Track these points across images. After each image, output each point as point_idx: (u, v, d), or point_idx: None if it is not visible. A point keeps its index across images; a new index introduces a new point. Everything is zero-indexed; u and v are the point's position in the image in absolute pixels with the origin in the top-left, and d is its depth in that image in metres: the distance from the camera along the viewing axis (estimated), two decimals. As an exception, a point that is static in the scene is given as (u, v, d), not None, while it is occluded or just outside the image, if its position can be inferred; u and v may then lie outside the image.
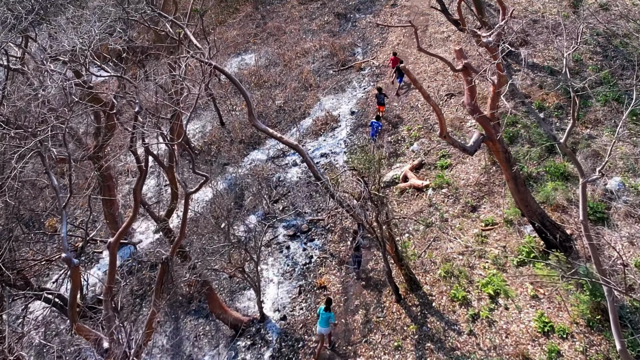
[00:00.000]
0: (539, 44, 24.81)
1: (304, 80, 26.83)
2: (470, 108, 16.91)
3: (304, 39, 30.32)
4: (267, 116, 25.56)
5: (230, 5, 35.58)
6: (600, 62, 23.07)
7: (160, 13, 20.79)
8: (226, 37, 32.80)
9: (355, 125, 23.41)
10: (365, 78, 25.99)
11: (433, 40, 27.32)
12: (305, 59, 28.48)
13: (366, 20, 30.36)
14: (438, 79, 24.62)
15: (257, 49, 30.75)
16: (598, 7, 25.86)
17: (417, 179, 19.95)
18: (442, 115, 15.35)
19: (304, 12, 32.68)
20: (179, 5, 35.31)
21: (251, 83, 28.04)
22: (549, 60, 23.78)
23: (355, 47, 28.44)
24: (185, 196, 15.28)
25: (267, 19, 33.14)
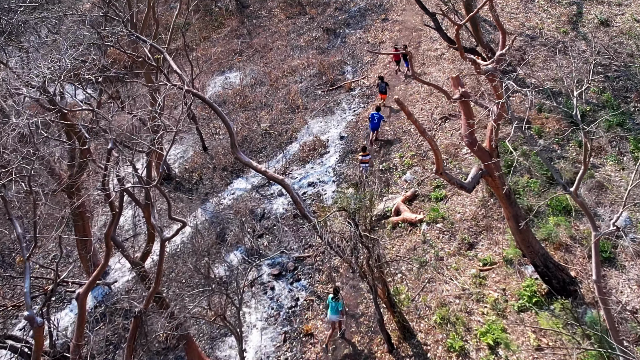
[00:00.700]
0: (538, 63, 23.93)
1: (291, 101, 25.85)
2: (468, 141, 15.98)
3: (292, 56, 29.35)
4: (252, 140, 24.54)
5: (215, 19, 34.58)
6: (602, 82, 22.19)
7: (139, 36, 19.72)
8: (210, 53, 31.80)
9: (344, 152, 22.42)
10: (355, 99, 25.03)
11: (426, 58, 26.41)
12: (293, 78, 27.50)
13: (356, 36, 29.43)
14: (432, 101, 23.69)
15: (242, 66, 29.74)
16: (598, 23, 25.03)
17: (410, 213, 18.97)
18: (438, 151, 14.44)
19: (292, 26, 31.72)
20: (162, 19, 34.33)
21: (236, 104, 27.03)
22: (548, 81, 22.87)
23: (344, 66, 27.49)
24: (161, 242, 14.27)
25: (253, 34, 32.16)
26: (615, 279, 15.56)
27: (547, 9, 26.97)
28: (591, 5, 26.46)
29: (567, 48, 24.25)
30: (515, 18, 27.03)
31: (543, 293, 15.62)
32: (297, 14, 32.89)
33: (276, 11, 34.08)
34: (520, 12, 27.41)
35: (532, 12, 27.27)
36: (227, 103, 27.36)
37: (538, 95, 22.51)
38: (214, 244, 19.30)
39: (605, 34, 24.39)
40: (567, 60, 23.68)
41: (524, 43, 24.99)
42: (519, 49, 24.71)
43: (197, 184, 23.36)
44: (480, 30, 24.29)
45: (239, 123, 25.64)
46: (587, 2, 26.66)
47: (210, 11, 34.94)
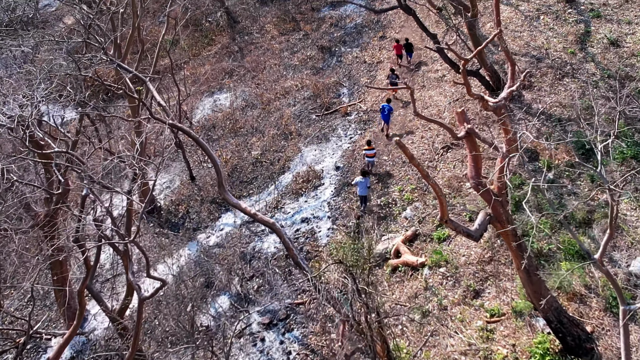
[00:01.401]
0: (545, 87, 22.88)
1: (284, 126, 24.76)
2: (474, 183, 14.93)
3: (285, 76, 28.27)
4: (242, 170, 23.41)
5: (205, 35, 33.50)
6: (613, 109, 21.09)
7: (120, 65, 18.54)
8: (200, 72, 30.70)
9: (340, 184, 21.32)
10: (351, 125, 23.94)
11: (426, 80, 25.36)
12: (286, 100, 26.41)
13: (352, 55, 28.37)
14: (432, 128, 22.61)
15: (233, 87, 28.64)
16: (607, 43, 23.98)
17: (411, 255, 17.87)
18: (443, 197, 13.43)
19: (285, 44, 30.65)
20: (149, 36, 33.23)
21: (226, 128, 25.93)
22: (556, 107, 21.82)
23: (340, 87, 26.41)
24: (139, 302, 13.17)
25: (244, 52, 31.08)
26: (636, 334, 14.45)
27: (553, 27, 25.95)
28: (599, 23, 25.43)
29: (575, 71, 23.24)
30: (519, 37, 25.98)
31: (557, 350, 14.51)
32: (290, 30, 31.83)
33: (269, 27, 33.02)
34: (525, 31, 26.37)
35: (537, 30, 26.23)
36: (216, 127, 26.26)
37: (547, 122, 21.46)
38: (200, 288, 18.14)
39: (616, 55, 23.35)
40: (576, 84, 22.68)
41: (529, 65, 23.94)
42: (524, 71, 23.63)
43: (184, 218, 22.23)
44: (484, 51, 23.21)
45: (229, 150, 24.52)
46: (595, 19, 25.64)
47: (200, 27, 33.87)
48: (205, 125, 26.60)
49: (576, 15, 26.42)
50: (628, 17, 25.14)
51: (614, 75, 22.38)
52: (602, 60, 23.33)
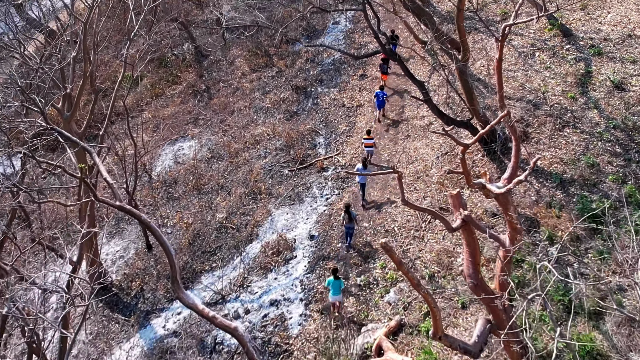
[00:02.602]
0: (543, 138, 20.91)
1: (253, 183, 22.61)
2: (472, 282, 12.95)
3: (255, 121, 26.15)
4: (205, 237, 21.19)
5: (171, 71, 31.29)
6: (622, 167, 19.15)
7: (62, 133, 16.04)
8: (163, 114, 28.48)
9: (315, 257, 19.17)
10: (328, 183, 21.82)
11: (411, 128, 23.35)
12: (256, 151, 24.28)
13: (330, 97, 26.32)
14: (419, 187, 20.56)
15: (198, 134, 26.44)
16: (611, 86, 22.09)
17: (395, 353, 15.68)
18: (437, 309, 11.49)
19: (256, 82, 28.55)
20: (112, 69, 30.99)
21: (188, 184, 23.70)
22: (557, 163, 19.83)
23: (316, 136, 24.32)
24: None
25: (212, 91, 28.94)
26: None
27: (550, 66, 24.08)
28: (601, 62, 23.60)
29: (577, 120, 21.31)
30: (513, 77, 24.08)
31: None
32: (263, 65, 29.75)
33: (240, 62, 30.92)
34: (519, 70, 24.49)
35: (533, 69, 24.35)
36: (178, 183, 24.04)
37: (547, 182, 19.46)
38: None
39: (621, 100, 21.47)
40: (578, 135, 20.74)
41: (525, 111, 22.01)
42: (520, 119, 21.69)
43: (137, 297, 19.94)
44: (476, 99, 21.21)
45: (191, 213, 22.28)
46: (595, 57, 23.81)
47: (165, 61, 31.66)
48: (165, 180, 24.38)
49: (575, 52, 24.59)
50: (632, 55, 23.31)
51: (620, 125, 20.49)
52: (606, 107, 21.43)
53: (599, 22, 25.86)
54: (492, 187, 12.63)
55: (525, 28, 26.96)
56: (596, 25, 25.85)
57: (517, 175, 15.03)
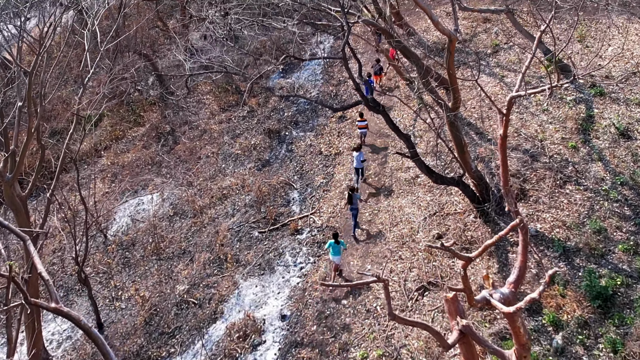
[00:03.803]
0: (542, 197, 19.03)
1: (219, 247, 20.58)
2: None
3: (223, 171, 24.13)
4: (163, 315, 19.07)
5: (133, 110, 29.17)
6: (633, 234, 17.29)
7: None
8: (122, 160, 26.34)
9: (287, 343, 17.11)
10: (302, 248, 19.81)
11: (395, 181, 21.45)
12: (223, 208, 22.25)
13: (306, 143, 24.39)
14: (404, 256, 18.62)
15: (160, 185, 24.31)
16: (616, 133, 20.32)
17: None
18: None
19: (226, 124, 26.56)
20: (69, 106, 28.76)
21: (147, 247, 21.57)
22: (559, 227, 17.94)
23: (290, 190, 22.32)
24: None
25: (177, 134, 26.87)
26: None
27: (548, 109, 22.34)
28: (604, 104, 21.90)
29: (579, 174, 19.48)
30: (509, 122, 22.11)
31: None
32: (233, 104, 27.79)
33: (208, 99, 28.92)
34: (514, 112, 22.69)
35: (528, 112, 22.58)
36: (136, 245, 21.91)
37: (548, 251, 17.53)
38: None
39: (628, 151, 19.74)
40: (582, 193, 18.89)
41: (522, 164, 20.17)
42: (516, 174, 19.82)
43: (84, 391, 17.70)
44: (467, 152, 19.28)
45: (149, 284, 20.14)
46: (597, 98, 22.11)
47: (128, 99, 29.53)
48: (122, 241, 22.23)
49: (574, 92, 22.89)
50: (638, 96, 21.59)
51: (627, 182, 18.69)
52: (611, 158, 19.67)
53: (599, 57, 24.15)
54: (499, 306, 10.66)
55: (518, 63, 25.21)
56: (596, 60, 24.12)
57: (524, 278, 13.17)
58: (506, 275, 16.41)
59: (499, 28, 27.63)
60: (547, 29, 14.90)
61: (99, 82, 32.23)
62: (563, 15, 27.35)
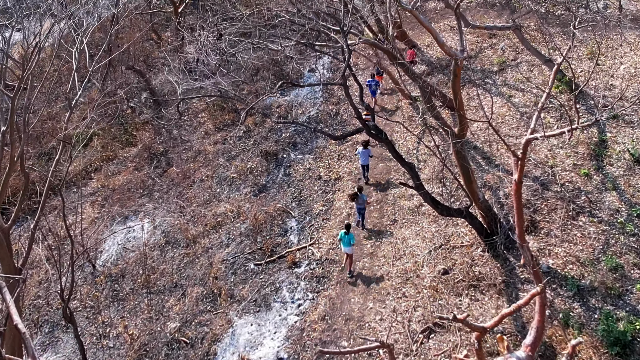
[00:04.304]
0: (554, 229, 18.12)
1: (212, 281, 19.73)
2: None
3: (218, 196, 23.28)
4: (153, 354, 18.22)
5: (125, 129, 28.29)
6: (653, 273, 16.39)
7: None
8: (113, 183, 25.46)
9: (284, 392, 16.14)
10: (300, 283, 18.93)
11: (397, 210, 20.60)
12: (217, 237, 21.38)
13: (304, 166, 23.52)
14: (408, 293, 17.74)
15: (152, 210, 23.44)
16: (631, 160, 19.43)
17: None
18: None
19: (221, 145, 25.71)
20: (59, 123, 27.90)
21: (137, 279, 20.70)
22: (572, 263, 17.04)
23: (287, 218, 21.44)
24: None
25: (170, 156, 26.02)
26: None
27: (559, 133, 21.25)
28: (617, 128, 21.04)
29: (593, 204, 18.57)
30: (515, 145, 21.29)
31: None
32: (229, 123, 26.92)
33: (203, 117, 28.06)
34: (522, 135, 21.66)
35: (537, 135, 21.53)
36: (126, 277, 21.07)
37: (561, 290, 16.62)
38: None
39: (644, 178, 18.77)
40: (596, 226, 17.97)
41: (532, 193, 19.28)
42: (526, 203, 18.91)
43: None
44: (474, 181, 18.39)
45: (138, 320, 19.24)
46: (610, 121, 21.15)
47: (120, 117, 28.64)
48: (111, 272, 21.37)
49: (586, 113, 21.95)
50: (653, 120, 20.73)
51: (644, 214, 17.78)
52: (626, 187, 18.79)
53: (610, 75, 23.34)
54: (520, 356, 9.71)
55: (526, 82, 24.32)
56: (608, 79, 23.32)
57: (541, 340, 12.28)
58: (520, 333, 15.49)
59: (506, 44, 26.76)
60: (555, 46, 13.94)
61: (90, 99, 31.44)
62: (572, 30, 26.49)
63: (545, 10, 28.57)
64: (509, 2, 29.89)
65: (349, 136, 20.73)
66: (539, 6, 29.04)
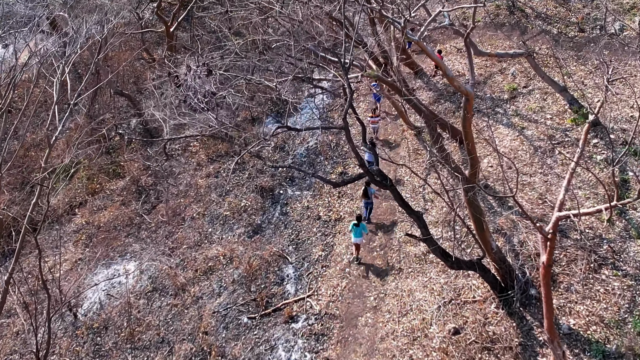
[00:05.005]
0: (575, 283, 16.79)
1: (202, 337, 18.33)
2: None
3: (210, 237, 21.96)
4: (136, 422, 16.72)
5: (113, 159, 26.94)
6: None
7: None
8: (98, 220, 24.09)
9: None
10: (297, 341, 17.59)
11: (403, 256, 19.24)
12: (208, 284, 20.04)
13: (302, 204, 22.22)
14: (415, 356, 16.32)
15: (139, 252, 22.08)
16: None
17: None
18: None
19: (213, 179, 24.43)
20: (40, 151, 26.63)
21: (121, 333, 19.28)
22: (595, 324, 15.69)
23: (284, 264, 20.07)
24: None
25: (159, 189, 24.65)
26: None
27: (576, 170, 19.94)
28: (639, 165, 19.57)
29: (616, 255, 17.21)
30: (530, 184, 20.09)
31: None
32: (223, 154, 25.60)
33: (195, 146, 26.74)
34: (537, 174, 20.50)
35: (553, 173, 20.39)
36: (109, 329, 19.70)
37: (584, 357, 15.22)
38: None
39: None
40: (620, 281, 16.60)
41: (549, 241, 17.76)
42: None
43: None
44: (487, 229, 17.03)
45: (121, 381, 17.87)
46: (632, 159, 19.79)
47: (109, 148, 27.30)
48: (93, 324, 19.95)
49: (604, 149, 20.65)
50: (679, 158, 19.37)
51: (674, 270, 16.41)
52: (652, 238, 17.37)
53: (629, 106, 21.98)
54: None
55: (540, 111, 23.01)
56: (627, 110, 21.96)
57: None
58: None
59: (516, 69, 25.42)
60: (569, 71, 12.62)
61: (76, 125, 30.11)
62: (588, 54, 25.22)
63: (557, 31, 27.25)
64: (518, 22, 28.57)
65: (350, 183, 19.37)
66: (550, 26, 27.75)
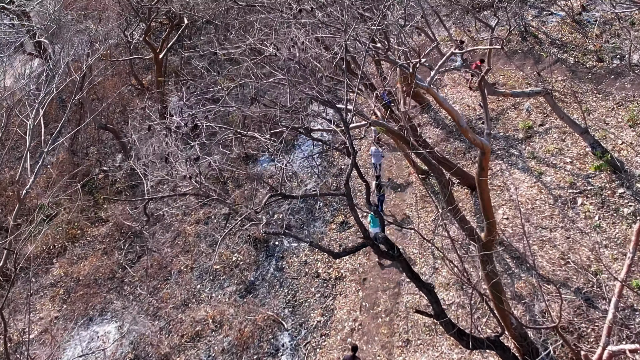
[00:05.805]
0: None
1: (188, 418, 16.56)
2: None
3: (198, 295, 20.36)
4: None
5: (96, 200, 25.29)
6: None
7: None
8: (78, 272, 22.44)
9: None
10: None
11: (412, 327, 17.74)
12: (195, 353, 18.48)
13: (300, 259, 20.58)
14: None
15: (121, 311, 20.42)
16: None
17: None
18: None
19: (203, 225, 22.84)
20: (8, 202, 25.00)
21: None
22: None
23: (279, 331, 18.39)
24: None
25: (144, 238, 22.90)
26: None
27: (601, 224, 18.49)
28: (673, 221, 17.81)
29: None
30: (550, 240, 18.43)
31: None
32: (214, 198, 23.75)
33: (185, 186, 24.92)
34: (558, 229, 18.86)
35: (575, 227, 18.72)
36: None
37: None
38: None
39: None
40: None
41: (574, 312, 16.21)
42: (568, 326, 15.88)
43: None
44: (507, 302, 15.36)
45: None
46: (664, 213, 18.15)
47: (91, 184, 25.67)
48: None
49: (632, 200, 19.03)
50: None
51: None
52: (691, 308, 15.67)
53: (658, 149, 20.33)
54: None
55: (558, 154, 21.36)
56: (656, 154, 20.30)
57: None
58: None
59: (531, 104, 23.75)
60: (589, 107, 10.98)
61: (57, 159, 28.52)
62: (607, 88, 23.57)
63: (574, 60, 25.59)
64: (531, 50, 26.92)
65: (351, 253, 17.73)
66: (566, 55, 26.10)
